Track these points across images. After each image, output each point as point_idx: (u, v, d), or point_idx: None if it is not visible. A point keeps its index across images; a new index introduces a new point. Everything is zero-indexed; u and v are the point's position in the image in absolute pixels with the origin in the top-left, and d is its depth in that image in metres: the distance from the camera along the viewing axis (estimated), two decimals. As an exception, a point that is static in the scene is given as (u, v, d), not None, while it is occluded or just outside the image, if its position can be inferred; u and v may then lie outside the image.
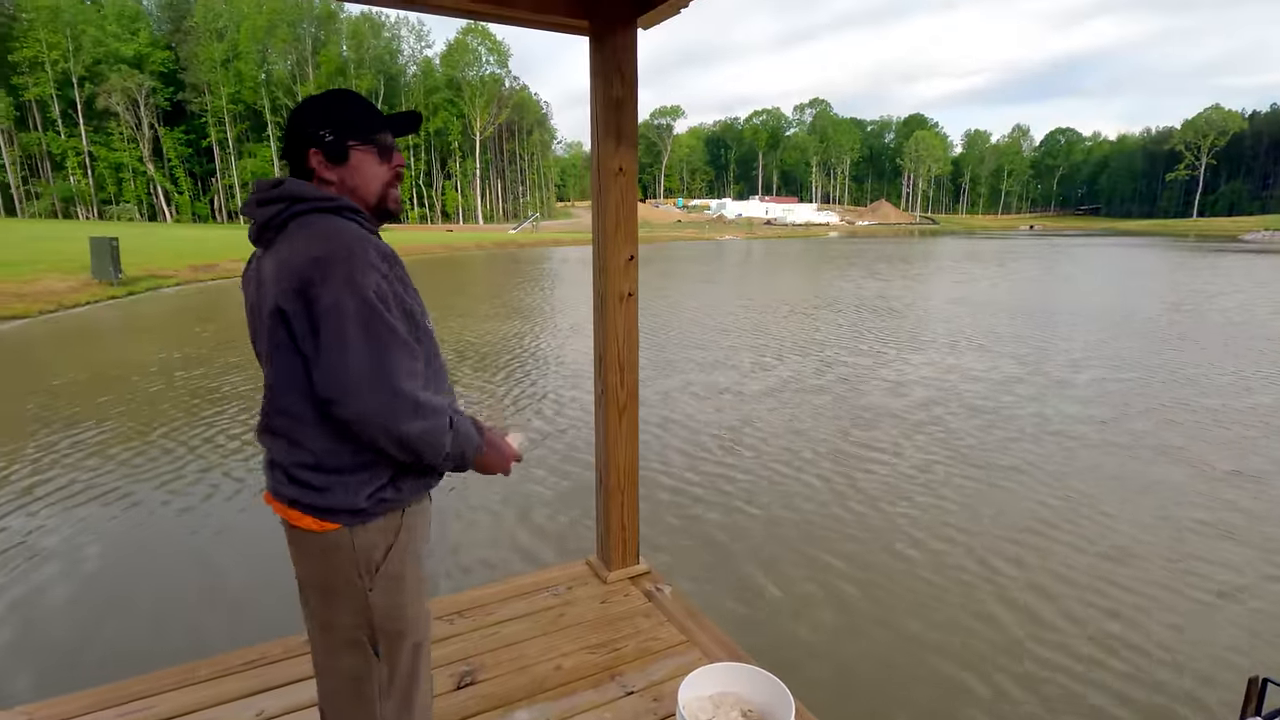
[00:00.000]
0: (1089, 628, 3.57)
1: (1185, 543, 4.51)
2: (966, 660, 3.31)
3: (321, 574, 1.28)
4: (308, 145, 1.27)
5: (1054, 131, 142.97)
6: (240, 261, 15.93)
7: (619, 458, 2.71)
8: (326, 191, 1.26)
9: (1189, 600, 3.85)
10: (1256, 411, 7.45)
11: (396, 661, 1.33)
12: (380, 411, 1.14)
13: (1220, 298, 18.09)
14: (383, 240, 1.26)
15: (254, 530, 4.67)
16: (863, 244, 53.58)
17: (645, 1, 2.29)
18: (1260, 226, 74.46)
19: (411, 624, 1.34)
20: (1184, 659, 3.32)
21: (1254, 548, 4.44)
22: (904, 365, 9.81)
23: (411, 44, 79.37)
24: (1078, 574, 4.10)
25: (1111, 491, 5.33)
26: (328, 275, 1.13)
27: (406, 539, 1.31)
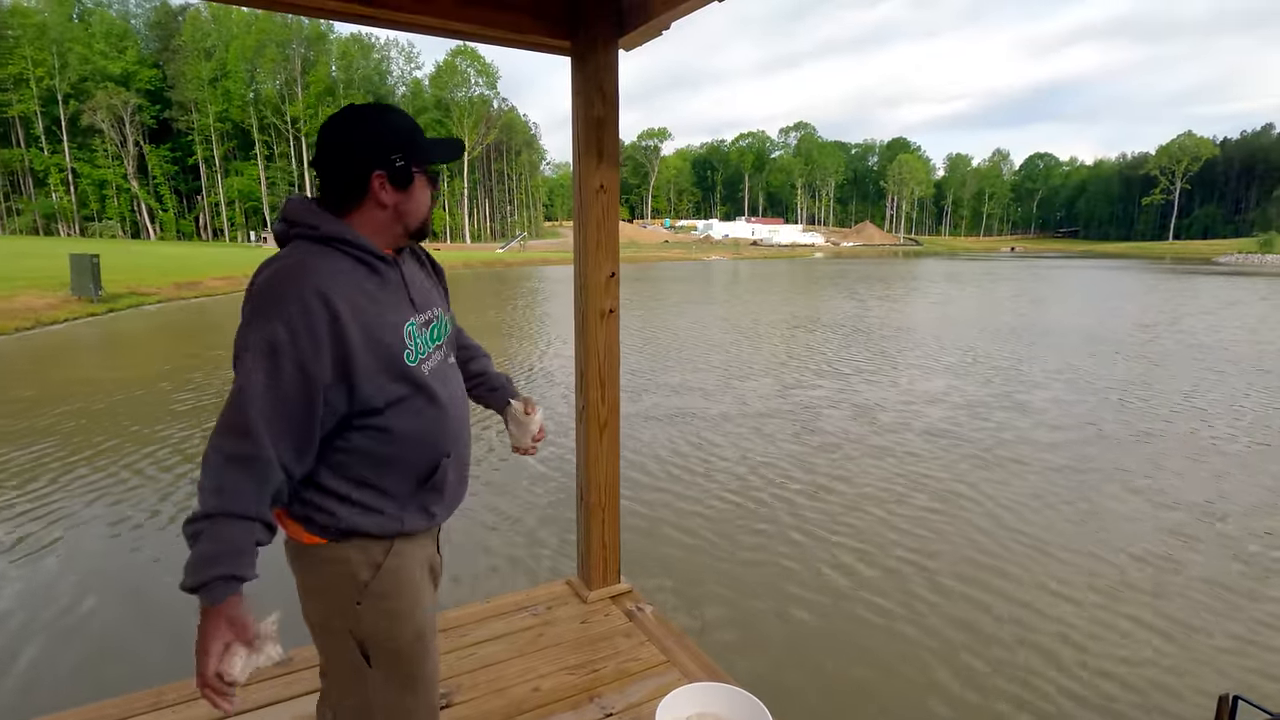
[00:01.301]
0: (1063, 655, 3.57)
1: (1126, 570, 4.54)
2: (927, 677, 3.30)
3: (316, 584, 1.29)
4: (374, 166, 1.21)
5: (1033, 156, 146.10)
6: (225, 279, 16.17)
7: (600, 475, 2.69)
8: (317, 218, 1.21)
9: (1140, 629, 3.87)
10: (1196, 438, 7.49)
11: (388, 675, 1.32)
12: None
13: (1188, 318, 18.46)
14: (380, 270, 1.23)
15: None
16: (848, 265, 54.17)
17: (626, 23, 2.33)
18: (1234, 249, 76.25)
19: (404, 642, 1.33)
20: (1145, 685, 3.33)
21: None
22: (873, 389, 9.88)
23: (401, 65, 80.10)
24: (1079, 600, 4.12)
25: (1055, 517, 5.37)
26: (246, 313, 1.14)
27: (396, 563, 1.29)
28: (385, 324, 1.21)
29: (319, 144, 1.24)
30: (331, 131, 1.22)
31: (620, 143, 4.15)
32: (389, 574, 1.28)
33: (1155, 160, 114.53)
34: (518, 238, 77.63)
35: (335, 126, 1.22)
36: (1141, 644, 3.61)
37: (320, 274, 1.14)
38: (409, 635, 1.33)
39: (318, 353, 1.11)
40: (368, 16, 2.12)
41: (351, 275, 1.19)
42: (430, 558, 1.42)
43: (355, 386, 1.17)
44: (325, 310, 1.12)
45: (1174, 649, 3.57)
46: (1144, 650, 3.55)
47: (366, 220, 1.25)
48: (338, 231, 1.20)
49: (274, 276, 1.15)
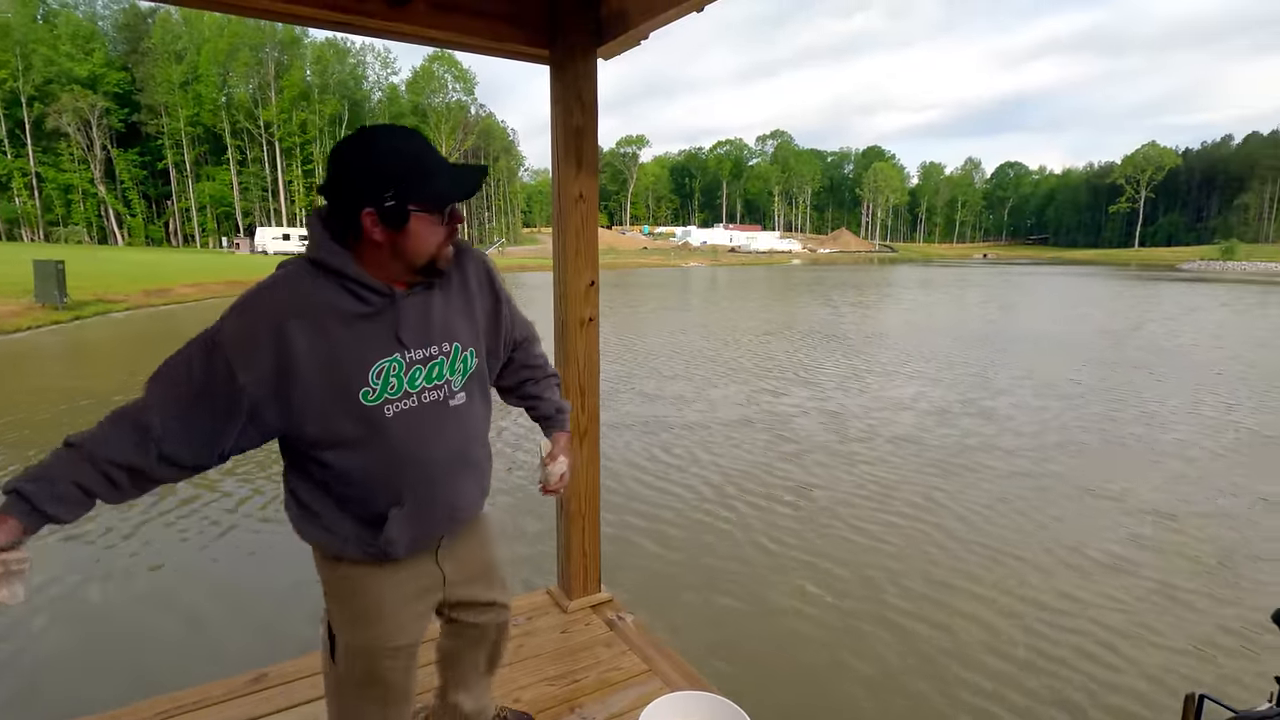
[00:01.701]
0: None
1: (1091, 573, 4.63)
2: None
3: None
4: (363, 204, 1.13)
5: (1004, 165, 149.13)
6: (196, 286, 15.88)
7: (580, 483, 2.68)
8: (321, 248, 1.18)
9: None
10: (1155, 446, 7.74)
11: (348, 670, 1.43)
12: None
13: (1151, 324, 18.93)
14: (358, 299, 1.18)
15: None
16: (825, 271, 54.76)
17: (605, 33, 2.34)
18: (1196, 256, 78.54)
19: (364, 645, 1.40)
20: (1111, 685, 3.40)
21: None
22: (845, 396, 9.98)
23: (377, 70, 79.49)
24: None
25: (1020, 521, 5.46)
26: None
27: (354, 574, 1.35)
28: (350, 359, 1.17)
29: (327, 170, 1.20)
30: (333, 161, 1.17)
31: (600, 150, 4.10)
32: (343, 581, 1.36)
33: (1121, 170, 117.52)
34: (496, 244, 77.29)
35: (337, 156, 1.17)
36: (1107, 646, 3.68)
37: (292, 300, 1.16)
38: (368, 642, 1.38)
39: (248, 365, 1.12)
40: (342, 23, 2.10)
41: (333, 305, 1.17)
42: (421, 583, 1.42)
43: (293, 413, 1.17)
44: (275, 334, 1.13)
45: (1133, 650, 3.65)
46: (1107, 654, 3.62)
47: (368, 254, 1.20)
48: (335, 264, 1.17)
49: (257, 287, 1.18)
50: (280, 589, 4.24)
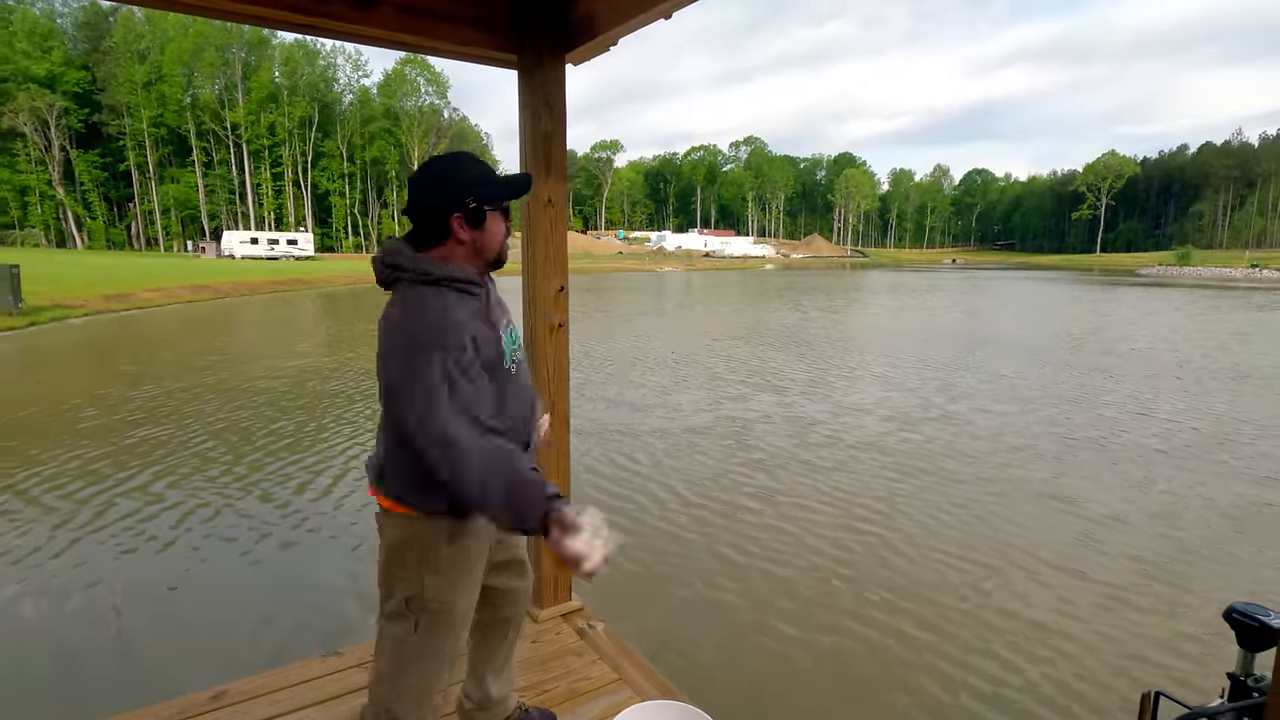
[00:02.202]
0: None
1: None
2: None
3: (390, 548, 1.53)
4: (452, 210, 1.45)
5: (971, 172, 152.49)
6: (159, 290, 15.45)
7: (550, 491, 2.66)
8: (426, 264, 1.44)
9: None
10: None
11: (431, 637, 1.54)
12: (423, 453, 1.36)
13: (1109, 329, 19.45)
14: (478, 293, 1.49)
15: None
16: (797, 276, 55.31)
17: (573, 38, 2.33)
18: (1155, 262, 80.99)
19: (448, 605, 1.54)
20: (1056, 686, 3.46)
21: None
22: (810, 402, 10.06)
23: (348, 73, 78.41)
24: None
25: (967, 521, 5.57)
26: (404, 346, 1.37)
27: (466, 540, 1.53)
28: (491, 339, 1.48)
29: (410, 192, 1.50)
30: (420, 181, 1.48)
31: (573, 154, 4.00)
32: (458, 549, 1.52)
33: (1083, 177, 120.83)
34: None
35: (422, 177, 1.49)
36: (1070, 646, 3.75)
37: (449, 309, 1.41)
38: (464, 605, 1.57)
39: (467, 367, 1.39)
40: (306, 25, 2.07)
41: (462, 304, 1.45)
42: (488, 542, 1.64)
43: (480, 388, 1.42)
44: (464, 335, 1.39)
45: (1088, 650, 3.73)
46: (1062, 656, 3.69)
47: (455, 253, 1.50)
48: (445, 273, 1.45)
49: (419, 315, 1.40)
50: (237, 603, 4.14)
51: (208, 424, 8.04)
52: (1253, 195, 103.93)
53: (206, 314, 22.00)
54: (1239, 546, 5.02)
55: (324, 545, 4.94)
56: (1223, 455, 7.21)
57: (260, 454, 6.98)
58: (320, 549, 4.88)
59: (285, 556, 4.78)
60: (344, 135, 74.08)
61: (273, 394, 9.80)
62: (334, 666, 2.37)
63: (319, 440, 7.48)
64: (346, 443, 7.39)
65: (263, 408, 8.93)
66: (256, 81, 68.18)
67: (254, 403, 9.21)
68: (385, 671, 1.57)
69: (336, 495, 5.86)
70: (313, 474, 6.40)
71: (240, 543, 4.90)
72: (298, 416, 8.49)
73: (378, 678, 1.59)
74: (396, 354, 1.37)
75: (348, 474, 6.39)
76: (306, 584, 4.38)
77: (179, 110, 66.25)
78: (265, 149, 70.76)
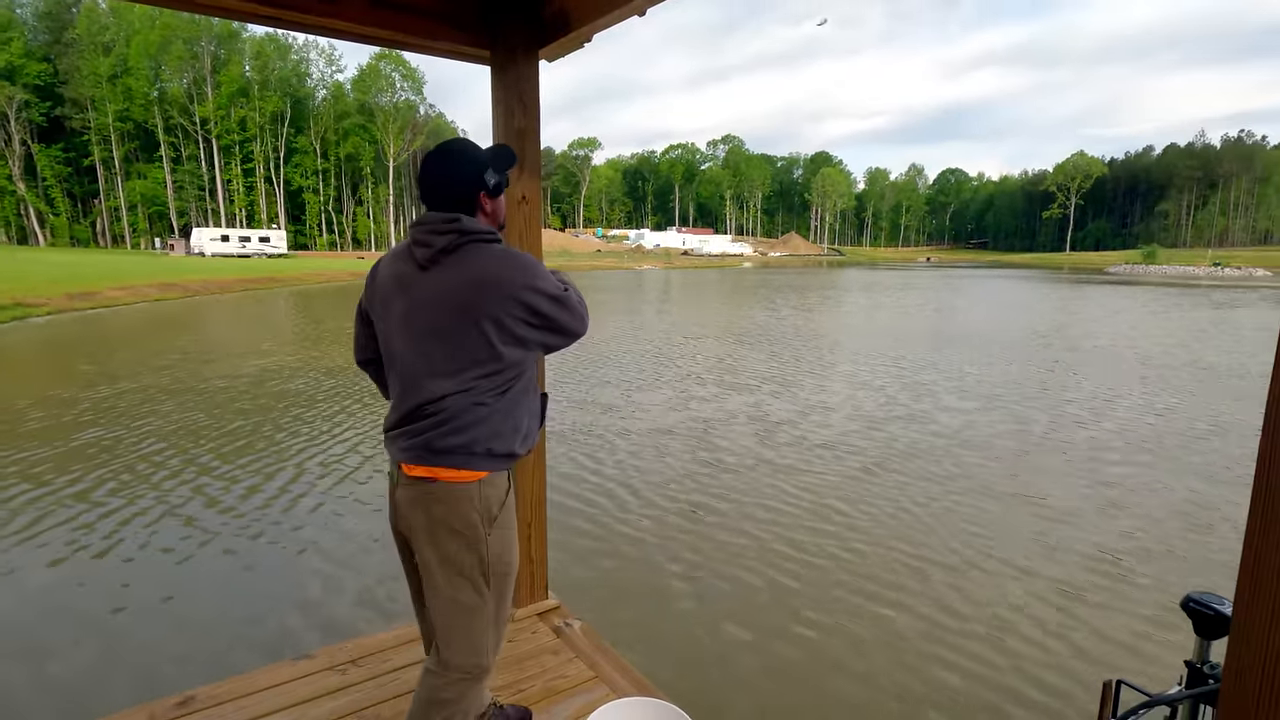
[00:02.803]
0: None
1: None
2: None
3: (450, 518, 1.58)
4: (479, 186, 1.62)
5: (945, 171, 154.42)
6: (126, 289, 15.05)
7: (527, 488, 2.65)
8: (486, 228, 1.59)
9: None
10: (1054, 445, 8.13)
11: (501, 595, 1.67)
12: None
13: (1075, 326, 19.84)
14: None
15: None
16: (775, 275, 55.64)
17: (547, 34, 2.32)
18: (1122, 260, 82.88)
19: (512, 566, 1.69)
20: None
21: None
22: (777, 401, 10.12)
23: (321, 67, 77.05)
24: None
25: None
26: (534, 280, 1.54)
27: (512, 493, 1.68)
28: None
29: (428, 179, 1.61)
30: (436, 169, 1.61)
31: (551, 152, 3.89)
32: (507, 505, 1.65)
33: (1053, 177, 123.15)
34: (446, 246, 75.89)
35: (447, 161, 1.61)
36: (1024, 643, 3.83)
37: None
38: (515, 555, 1.71)
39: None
40: (272, 17, 2.03)
41: None
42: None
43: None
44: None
45: (1052, 642, 3.81)
46: (1029, 647, 3.77)
47: (481, 224, 1.63)
48: (500, 237, 1.63)
49: (522, 256, 1.59)
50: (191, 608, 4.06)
51: (158, 427, 7.82)
52: (1215, 195, 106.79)
53: (174, 313, 21.53)
54: (1195, 539, 5.15)
55: (264, 552, 4.79)
56: (1178, 451, 7.38)
57: (210, 456, 6.79)
58: (263, 556, 4.74)
59: (226, 564, 4.59)
60: (317, 131, 72.92)
61: (231, 394, 9.60)
62: (305, 670, 2.34)
63: (274, 442, 7.31)
64: (303, 443, 7.27)
65: (218, 409, 8.74)
66: (226, 75, 66.79)
67: (210, 403, 9.02)
68: (461, 643, 1.64)
69: (285, 500, 5.68)
70: (264, 477, 6.23)
71: (177, 551, 4.72)
72: (254, 417, 8.32)
73: (453, 649, 1.65)
74: (540, 288, 1.54)
75: (301, 476, 6.24)
76: (247, 593, 4.21)
77: (146, 104, 64.68)
78: (236, 144, 69.40)
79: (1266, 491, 0.71)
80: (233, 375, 10.93)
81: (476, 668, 1.66)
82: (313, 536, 4.96)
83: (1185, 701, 1.21)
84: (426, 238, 1.56)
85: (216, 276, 31.93)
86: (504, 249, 1.59)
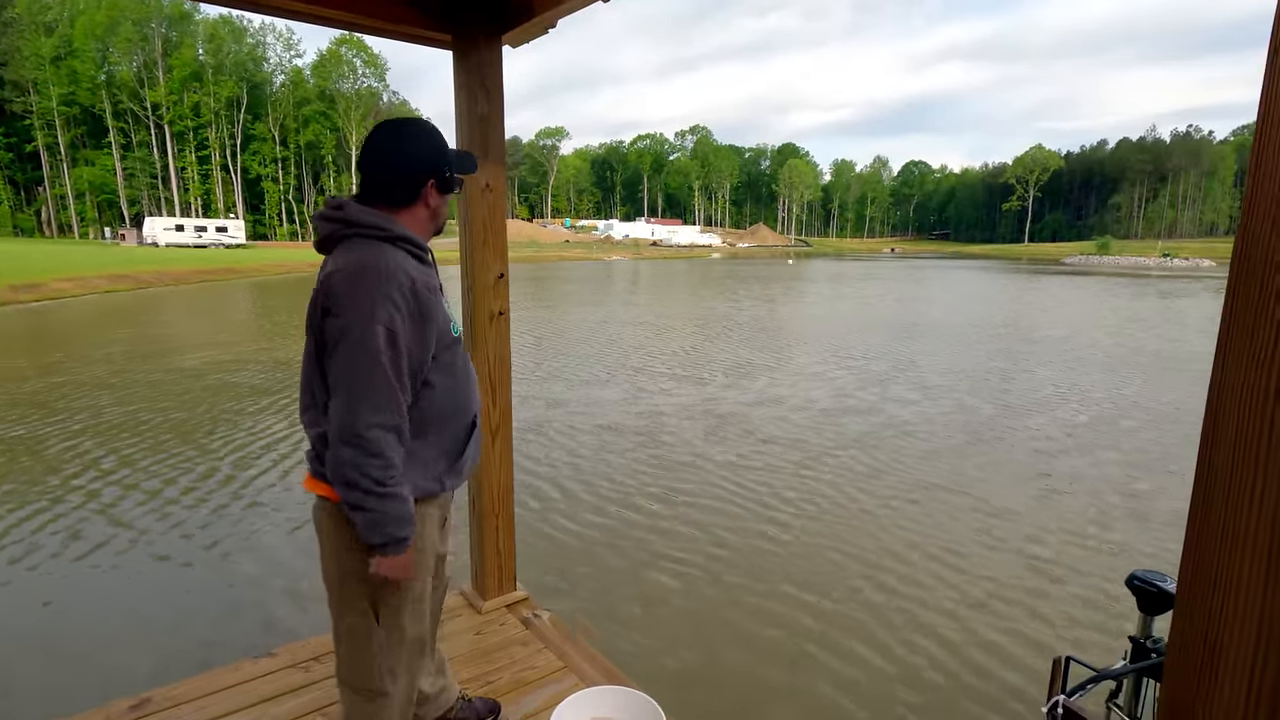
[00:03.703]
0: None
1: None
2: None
3: (339, 541, 1.48)
4: (429, 176, 1.46)
5: (909, 163, 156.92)
6: (74, 280, 14.50)
7: (493, 480, 2.63)
8: (383, 219, 1.41)
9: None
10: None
11: (394, 623, 1.54)
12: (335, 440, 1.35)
13: (1029, 316, 20.35)
14: (421, 261, 1.47)
15: None
16: (743, 265, 55.96)
17: (509, 19, 2.28)
18: (1077, 251, 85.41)
19: (406, 594, 1.54)
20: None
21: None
22: (732, 393, 10.20)
23: (279, 51, 74.89)
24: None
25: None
26: (345, 302, 1.32)
27: (418, 525, 1.49)
28: (439, 304, 1.47)
29: (373, 151, 1.44)
30: (395, 141, 1.44)
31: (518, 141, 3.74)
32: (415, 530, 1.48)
33: (1012, 170, 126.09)
34: (411, 236, 74.68)
35: (398, 137, 1.45)
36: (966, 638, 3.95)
37: (404, 273, 1.36)
38: (422, 587, 1.57)
39: (412, 329, 1.37)
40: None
41: (418, 270, 1.43)
42: (444, 515, 1.64)
43: (418, 366, 1.42)
44: (412, 295, 1.36)
45: (1008, 623, 3.93)
46: (985, 627, 3.89)
47: (413, 219, 1.48)
48: (404, 233, 1.42)
49: (369, 273, 1.33)
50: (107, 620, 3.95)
51: (90, 423, 7.54)
52: (1165, 189, 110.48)
53: (126, 305, 20.78)
54: (1136, 520, 5.33)
55: (193, 553, 4.63)
56: (1119, 438, 7.61)
57: (142, 454, 6.54)
58: (194, 555, 4.59)
59: (155, 570, 4.39)
60: (276, 118, 70.87)
61: (173, 388, 9.30)
62: (267, 668, 2.29)
63: (213, 438, 7.09)
64: (244, 435, 7.09)
65: (158, 401, 8.47)
66: (179, 59, 64.40)
67: (148, 396, 8.74)
68: (349, 663, 1.57)
69: (213, 504, 5.44)
70: (197, 476, 5.99)
71: (90, 558, 4.51)
72: (197, 410, 8.08)
73: (344, 668, 1.59)
74: (341, 316, 1.33)
75: (215, 474, 6.04)
76: (157, 604, 3.98)
77: (92, 88, 62.08)
78: (190, 131, 67.10)
79: (1208, 471, 0.73)
80: (179, 370, 10.60)
81: (367, 690, 1.56)
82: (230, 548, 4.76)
83: (1130, 675, 1.26)
84: (316, 223, 1.44)
85: (171, 268, 30.92)
86: (362, 258, 1.35)
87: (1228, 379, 0.71)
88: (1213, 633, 0.74)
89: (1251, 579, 0.70)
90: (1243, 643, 0.71)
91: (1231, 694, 0.72)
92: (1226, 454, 0.71)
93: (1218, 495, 0.72)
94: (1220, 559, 0.72)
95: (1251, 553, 0.70)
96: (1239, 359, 0.69)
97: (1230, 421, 0.71)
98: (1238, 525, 0.71)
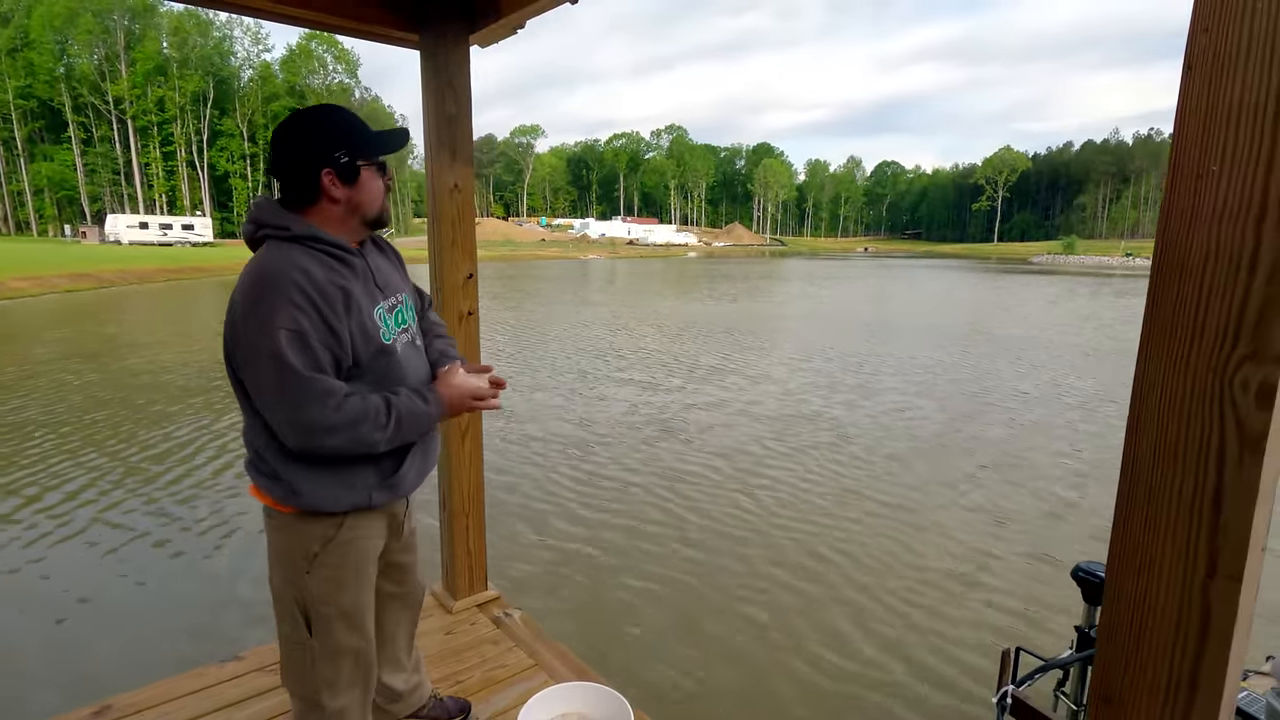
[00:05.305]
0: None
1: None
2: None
3: (275, 549, 1.45)
4: (321, 166, 1.33)
5: (882, 163, 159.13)
6: (32, 279, 14.11)
7: (463, 480, 2.63)
8: (289, 219, 1.33)
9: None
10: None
11: (329, 638, 1.47)
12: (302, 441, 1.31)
13: (995, 315, 20.75)
14: (341, 261, 1.35)
15: None
16: (718, 264, 56.21)
17: (477, 19, 2.28)
18: (1044, 251, 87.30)
19: (339, 609, 1.47)
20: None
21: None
22: (702, 391, 10.29)
23: (247, 46, 73.32)
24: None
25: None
26: (245, 314, 1.25)
27: (350, 537, 1.44)
28: (360, 309, 1.35)
29: (272, 150, 1.36)
30: (282, 137, 1.35)
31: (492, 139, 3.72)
32: (343, 543, 1.43)
33: (982, 171, 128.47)
34: (385, 234, 73.70)
35: (285, 132, 1.35)
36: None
37: (302, 271, 1.27)
38: (356, 600, 1.49)
39: (324, 328, 1.28)
40: (184, -7, 1.93)
41: (325, 269, 1.31)
42: (397, 524, 1.60)
43: (341, 365, 1.33)
44: (317, 293, 1.26)
45: (958, 619, 4.03)
46: (940, 622, 3.98)
47: (326, 216, 1.37)
48: (308, 231, 1.32)
49: (262, 278, 1.26)
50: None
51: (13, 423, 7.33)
52: (1128, 190, 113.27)
53: (86, 304, 20.21)
54: (1080, 514, 5.46)
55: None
56: (1067, 435, 7.85)
57: (62, 457, 6.31)
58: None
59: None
60: (244, 114, 69.48)
61: (122, 389, 9.07)
62: (233, 672, 2.27)
63: (158, 442, 6.88)
64: (190, 430, 6.99)
65: (95, 402, 8.28)
66: (142, 52, 62.80)
67: (94, 398, 8.53)
68: (289, 673, 1.54)
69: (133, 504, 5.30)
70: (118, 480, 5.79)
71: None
72: (145, 410, 7.92)
73: (285, 677, 1.56)
74: (249, 302, 1.26)
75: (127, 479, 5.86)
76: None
77: (51, 81, 60.28)
78: (154, 126, 65.48)
79: (1133, 461, 0.77)
80: (132, 371, 10.36)
81: (307, 702, 1.53)
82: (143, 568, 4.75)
83: (1075, 664, 1.31)
84: (246, 230, 1.38)
85: (135, 266, 30.17)
86: (259, 265, 1.28)
87: (1149, 377, 0.74)
88: (1138, 618, 0.77)
89: (1172, 566, 0.73)
90: (1164, 626, 0.75)
91: (1154, 675, 0.76)
92: (1149, 447, 0.75)
93: (1141, 486, 0.76)
94: (1144, 547, 0.76)
95: (1172, 541, 0.73)
96: (1159, 359, 0.73)
97: (1152, 417, 0.74)
98: (1159, 515, 0.74)
